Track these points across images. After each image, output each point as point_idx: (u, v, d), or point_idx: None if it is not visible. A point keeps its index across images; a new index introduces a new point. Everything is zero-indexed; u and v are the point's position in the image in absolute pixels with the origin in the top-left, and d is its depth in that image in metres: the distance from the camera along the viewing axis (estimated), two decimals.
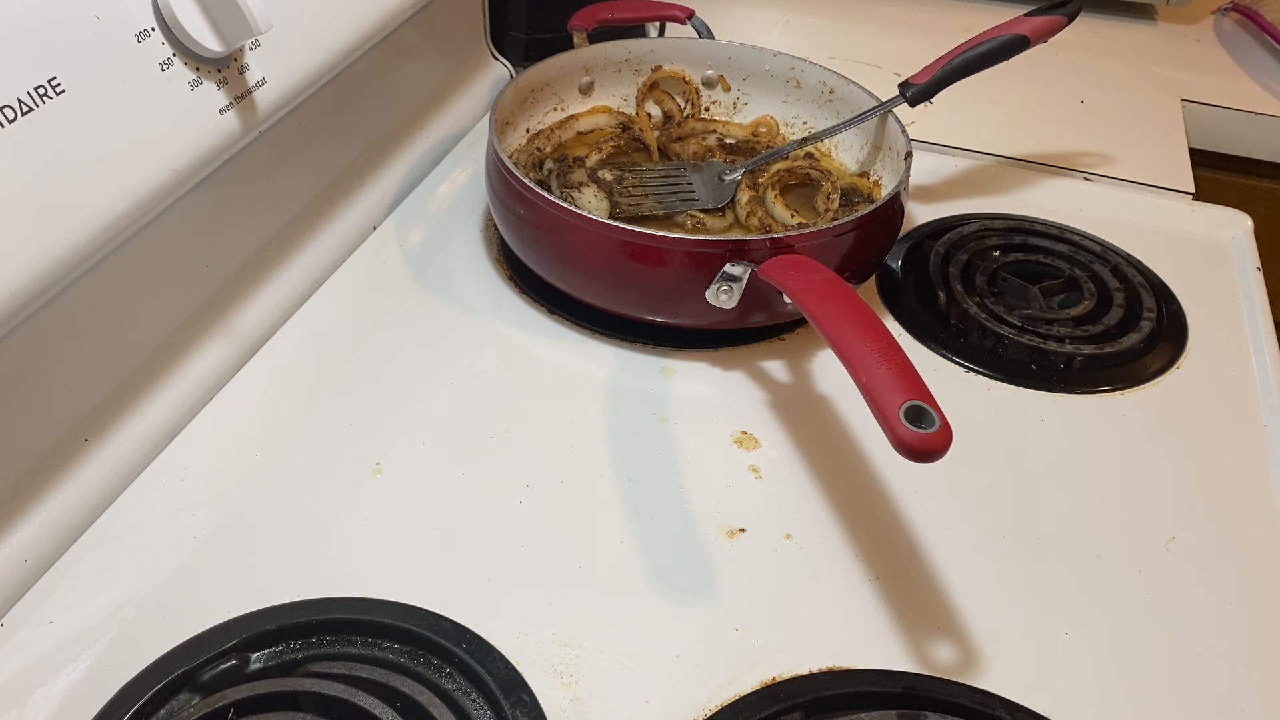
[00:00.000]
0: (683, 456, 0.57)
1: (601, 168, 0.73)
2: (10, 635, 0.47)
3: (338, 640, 0.47)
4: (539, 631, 0.48)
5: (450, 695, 0.45)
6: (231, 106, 0.54)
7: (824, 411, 0.61)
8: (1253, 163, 0.95)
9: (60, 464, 0.51)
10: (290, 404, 0.59)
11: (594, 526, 0.53)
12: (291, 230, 0.67)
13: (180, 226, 0.57)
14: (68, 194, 0.46)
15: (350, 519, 0.53)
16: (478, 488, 0.55)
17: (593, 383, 0.62)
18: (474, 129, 0.84)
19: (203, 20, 0.51)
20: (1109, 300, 0.69)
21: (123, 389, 0.55)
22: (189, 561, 0.50)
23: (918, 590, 0.51)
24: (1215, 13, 1.11)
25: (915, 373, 0.45)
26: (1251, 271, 0.73)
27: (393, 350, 0.63)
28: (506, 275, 0.70)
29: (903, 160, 0.68)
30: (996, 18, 0.72)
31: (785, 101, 0.79)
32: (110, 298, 0.53)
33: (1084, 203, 0.79)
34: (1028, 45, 0.68)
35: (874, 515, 0.55)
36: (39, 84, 0.44)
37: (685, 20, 0.80)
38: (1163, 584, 0.52)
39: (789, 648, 0.48)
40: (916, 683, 0.47)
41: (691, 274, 0.59)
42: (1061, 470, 0.58)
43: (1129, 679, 0.48)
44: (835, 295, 0.52)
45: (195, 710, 0.43)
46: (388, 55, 0.73)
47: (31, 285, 0.44)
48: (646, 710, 0.45)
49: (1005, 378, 0.64)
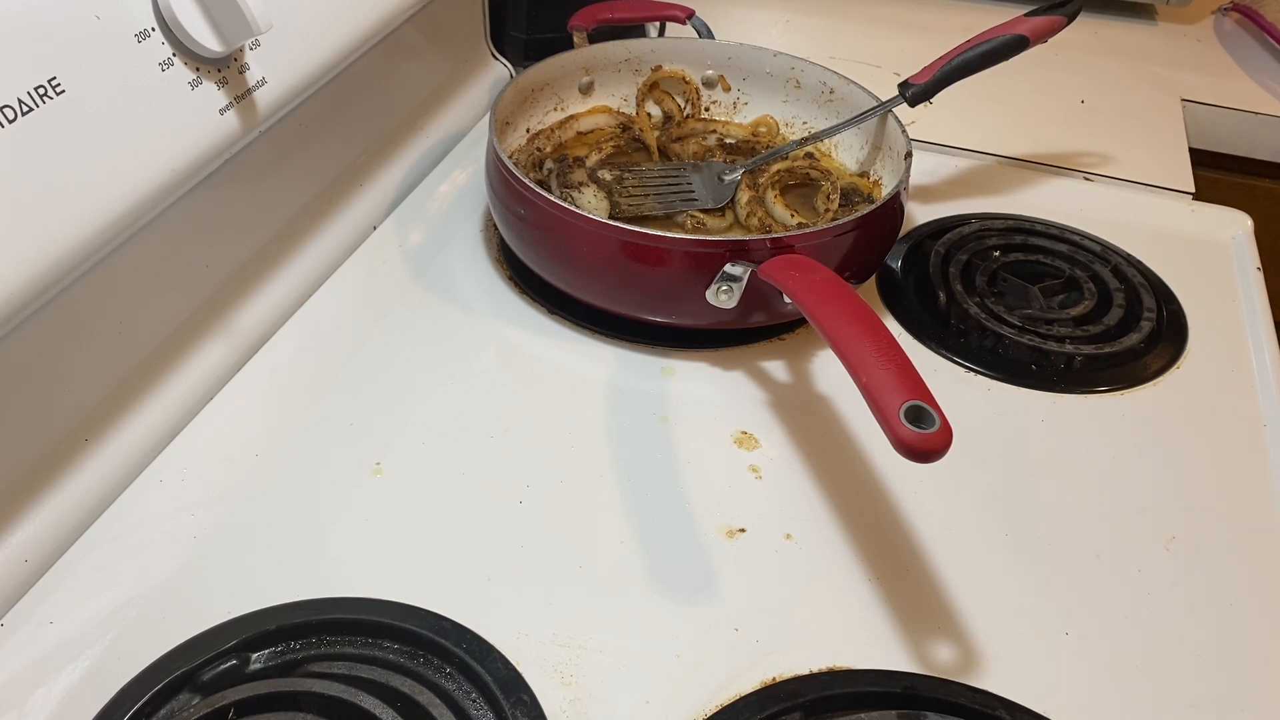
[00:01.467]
0: (683, 456, 0.57)
1: (601, 168, 0.73)
2: (10, 635, 0.47)
3: (338, 640, 0.47)
4: (539, 631, 0.48)
5: (450, 695, 0.45)
6: (231, 106, 0.54)
7: (824, 411, 0.61)
8: (1253, 163, 0.95)
9: (60, 464, 0.51)
10: (290, 404, 0.59)
11: (594, 526, 0.53)
12: (291, 230, 0.67)
13: (180, 226, 0.57)
14: (68, 194, 0.46)
15: (350, 519, 0.53)
16: (478, 488, 0.55)
17: (593, 383, 0.62)
18: (474, 129, 0.84)
19: (203, 20, 0.51)
20: (1109, 300, 0.69)
21: (123, 389, 0.55)
22: (189, 561, 0.50)
23: (918, 590, 0.51)
24: (1215, 13, 1.11)
25: (915, 373, 0.45)
26: (1251, 271, 0.73)
27: (393, 350, 0.63)
28: (506, 275, 0.70)
29: (903, 160, 0.68)
30: (996, 18, 0.72)
31: (785, 101, 0.79)
32: (110, 298, 0.53)
33: (1084, 203, 0.79)
34: (1027, 45, 0.68)
35: (874, 515, 0.55)
36: (39, 84, 0.44)
37: (685, 20, 0.80)
38: (1163, 584, 0.52)
39: (789, 648, 0.48)
40: (916, 683, 0.47)
41: (691, 274, 0.59)
42: (1061, 470, 0.58)
43: (1129, 679, 0.48)
44: (835, 295, 0.52)
45: (195, 710, 0.43)
46: (388, 55, 0.73)
47: (31, 285, 0.44)
48: (646, 710, 0.45)
49: (1005, 378, 0.64)
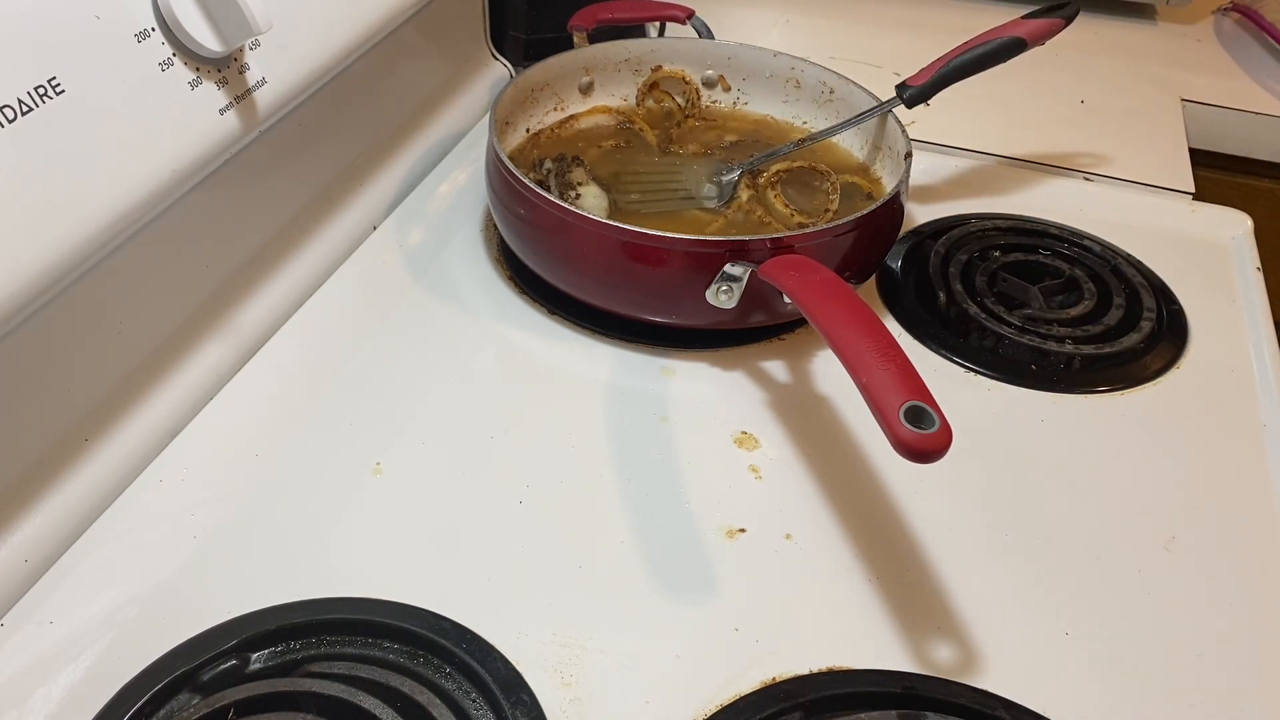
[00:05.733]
0: (683, 456, 0.57)
1: (601, 167, 0.73)
2: (10, 635, 0.47)
3: (338, 640, 0.47)
4: (539, 631, 0.48)
5: (450, 695, 0.45)
6: (231, 106, 0.54)
7: (824, 411, 0.61)
8: (1253, 163, 0.95)
9: (60, 464, 0.51)
10: (290, 404, 0.59)
11: (594, 526, 0.53)
12: (291, 230, 0.67)
13: (180, 226, 0.57)
14: (68, 194, 0.46)
15: (350, 519, 0.53)
16: (477, 488, 0.55)
17: (593, 383, 0.62)
18: (474, 129, 0.84)
19: (203, 20, 0.51)
20: (1109, 300, 0.69)
21: (123, 389, 0.55)
22: (189, 561, 0.50)
23: (918, 590, 0.51)
24: (1215, 13, 1.11)
25: (915, 373, 0.45)
26: (1251, 271, 0.73)
27: (393, 350, 0.63)
28: (506, 275, 0.70)
29: (903, 160, 0.68)
30: (996, 18, 0.72)
31: (785, 101, 0.79)
32: (110, 298, 0.53)
33: (1084, 203, 0.79)
34: (1025, 48, 0.68)
35: (874, 515, 0.55)
36: (39, 84, 0.44)
37: (685, 20, 0.80)
38: (1163, 584, 0.52)
39: (789, 648, 0.48)
40: (916, 683, 0.47)
41: (691, 274, 0.59)
42: (1061, 470, 0.58)
43: (1129, 679, 0.48)
44: (835, 295, 0.52)
45: (195, 710, 0.43)
46: (388, 55, 0.73)
47: (31, 285, 0.44)
48: (646, 710, 0.45)
49: (1005, 378, 0.64)
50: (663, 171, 0.74)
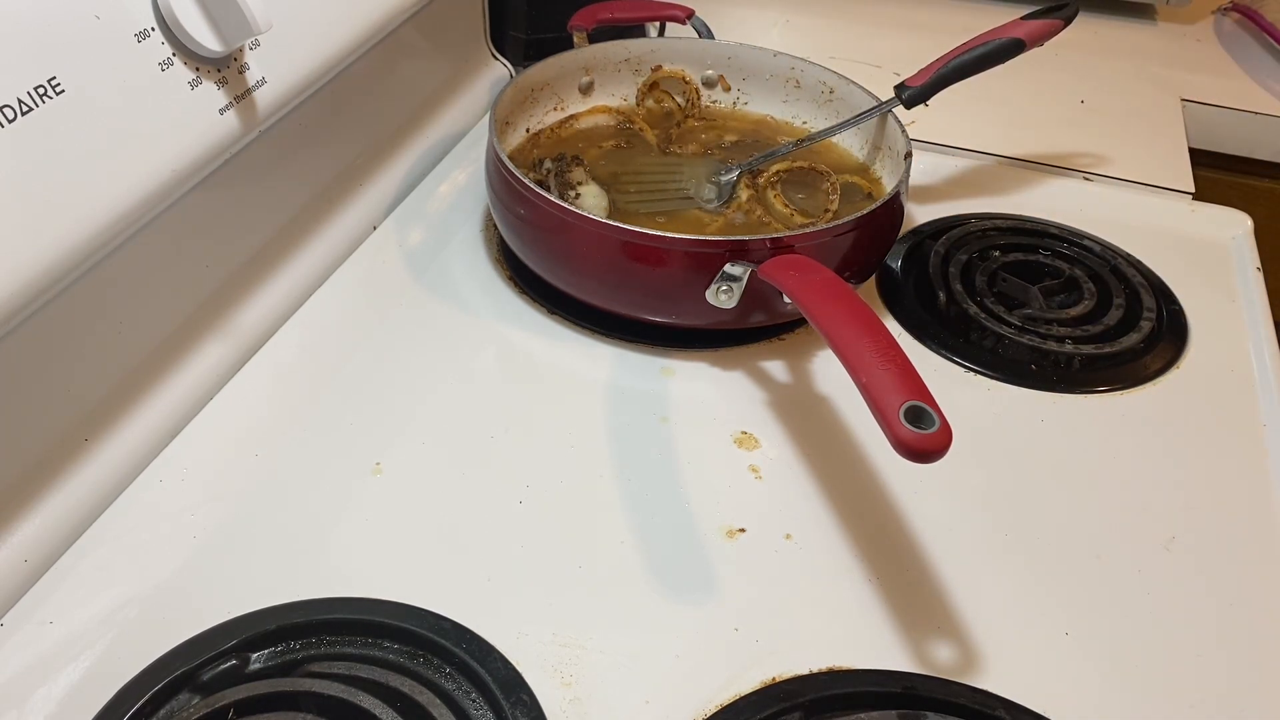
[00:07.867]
0: (683, 456, 0.57)
1: (601, 167, 0.73)
2: (10, 635, 0.47)
3: (338, 640, 0.47)
4: (539, 631, 0.48)
5: (450, 695, 0.45)
6: (231, 106, 0.54)
7: (824, 411, 0.61)
8: (1253, 163, 0.95)
9: (60, 464, 0.51)
10: (290, 404, 0.59)
11: (594, 526, 0.53)
12: (291, 230, 0.67)
13: (180, 226, 0.57)
14: (68, 194, 0.46)
15: (350, 519, 0.53)
16: (478, 488, 0.55)
17: (593, 383, 0.62)
18: (474, 129, 0.84)
19: (203, 20, 0.51)
20: (1109, 300, 0.69)
21: (123, 389, 0.55)
22: (189, 561, 0.50)
23: (918, 590, 0.51)
24: (1215, 13, 1.11)
25: (915, 373, 0.45)
26: (1251, 271, 0.73)
27: (393, 350, 0.63)
28: (506, 275, 0.70)
29: (903, 160, 0.68)
30: (996, 18, 0.72)
31: (785, 101, 0.79)
32: (110, 298, 0.53)
33: (1084, 203, 0.79)
34: (1024, 49, 0.68)
35: (874, 515, 0.55)
36: (39, 84, 0.44)
37: (685, 20, 0.80)
38: (1163, 584, 0.52)
39: (789, 648, 0.48)
40: (916, 683, 0.47)
41: (691, 274, 0.59)
42: (1061, 470, 0.58)
43: (1129, 679, 0.48)
44: (835, 295, 0.52)
45: (195, 710, 0.43)
46: (388, 55, 0.73)
47: (31, 285, 0.44)
48: (646, 710, 0.45)
49: (1005, 378, 0.64)
50: (662, 171, 0.74)
